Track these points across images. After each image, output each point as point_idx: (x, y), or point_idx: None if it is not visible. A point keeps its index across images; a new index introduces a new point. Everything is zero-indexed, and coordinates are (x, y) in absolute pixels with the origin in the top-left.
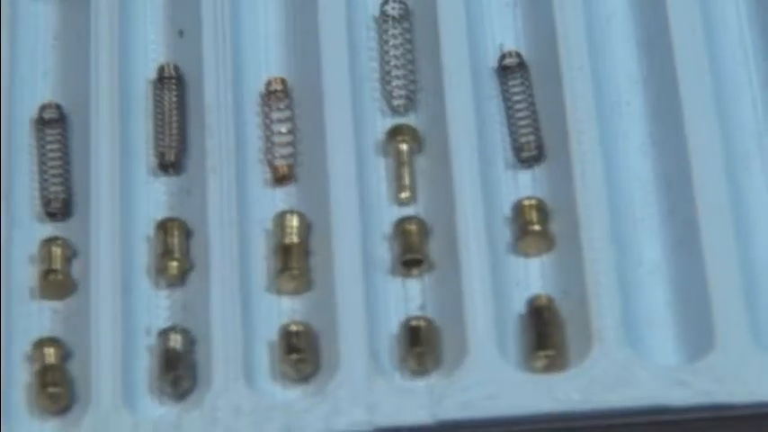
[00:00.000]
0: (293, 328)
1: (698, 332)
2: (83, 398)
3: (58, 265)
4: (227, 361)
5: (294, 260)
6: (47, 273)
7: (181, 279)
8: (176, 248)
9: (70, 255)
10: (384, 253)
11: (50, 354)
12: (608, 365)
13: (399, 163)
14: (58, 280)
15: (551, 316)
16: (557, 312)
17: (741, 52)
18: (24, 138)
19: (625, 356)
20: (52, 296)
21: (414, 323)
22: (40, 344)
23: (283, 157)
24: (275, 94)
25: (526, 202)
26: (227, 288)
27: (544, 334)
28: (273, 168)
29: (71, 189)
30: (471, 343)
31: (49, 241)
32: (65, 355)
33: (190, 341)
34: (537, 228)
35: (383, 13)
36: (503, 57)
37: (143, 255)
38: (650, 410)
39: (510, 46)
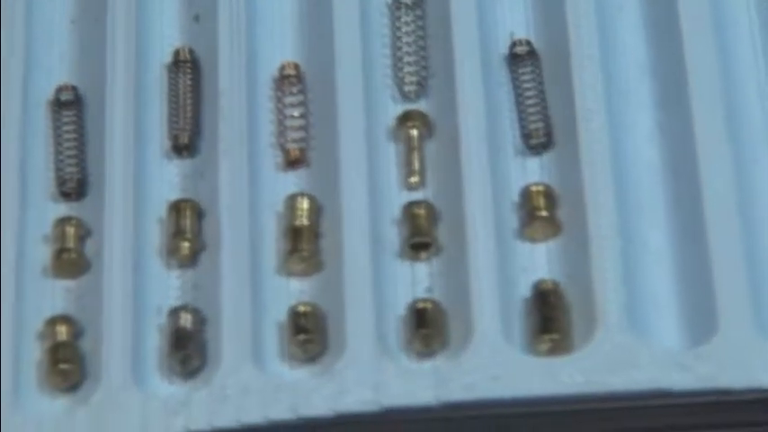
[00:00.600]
0: (302, 308)
1: (701, 318)
2: (93, 375)
3: (71, 244)
4: (237, 340)
5: (304, 242)
6: (60, 252)
7: (192, 259)
8: (188, 229)
9: (84, 234)
10: (393, 236)
11: (62, 331)
12: (611, 349)
13: (409, 148)
14: (72, 259)
15: (556, 300)
16: (562, 297)
17: (749, 42)
18: (40, 119)
19: (628, 340)
20: (65, 275)
21: (420, 305)
22: (53, 321)
23: (295, 141)
24: (288, 79)
25: (534, 188)
26: (238, 269)
27: (549, 318)
28: (285, 152)
29: (86, 170)
30: (477, 326)
31: (63, 221)
32: (76, 332)
33: (200, 320)
34: (544, 213)
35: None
36: (513, 45)
37: (155, 235)
38: (652, 394)
39: (521, 34)
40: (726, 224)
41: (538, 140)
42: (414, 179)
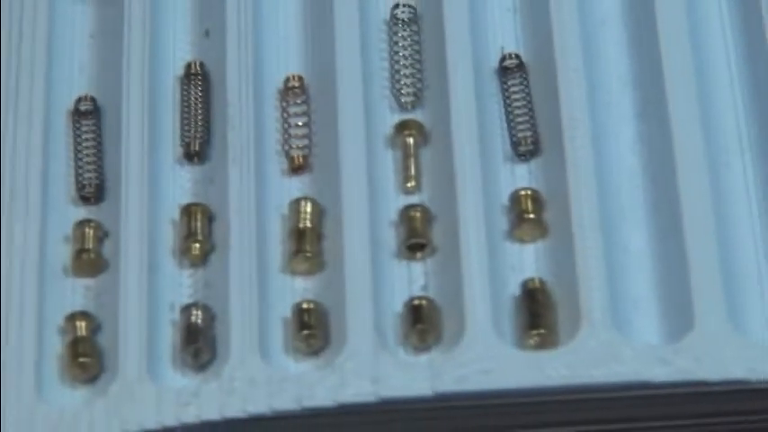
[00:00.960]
0: (305, 305)
1: (678, 314)
2: (110, 368)
3: (90, 245)
4: (244, 336)
5: (307, 243)
6: (80, 252)
7: (203, 260)
8: (199, 231)
9: (101, 236)
10: (390, 237)
11: (82, 327)
12: (595, 344)
13: (406, 155)
14: (90, 259)
15: (544, 298)
16: (549, 294)
17: (724, 57)
18: (61, 128)
19: (611, 336)
20: (84, 274)
21: (416, 302)
22: (73, 317)
23: (299, 148)
24: (293, 90)
25: (522, 193)
26: (245, 268)
27: (537, 314)
28: (290, 158)
29: (104, 175)
30: (469, 322)
31: (83, 223)
32: (95, 328)
33: (210, 317)
34: (532, 216)
35: (393, 16)
36: (503, 58)
37: (169, 237)
38: (633, 386)
39: (510, 48)
40: (701, 227)
41: (526, 148)
42: (410, 184)
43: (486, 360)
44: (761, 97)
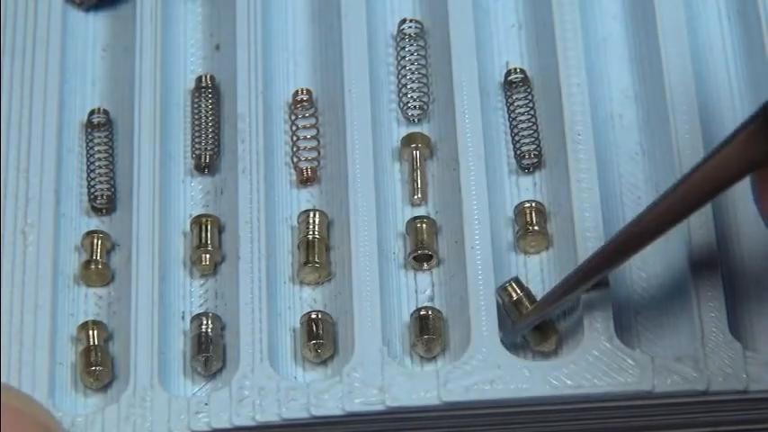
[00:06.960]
0: (314, 315)
1: (680, 324)
2: (122, 376)
3: (97, 255)
4: (254, 345)
5: (316, 254)
6: (87, 262)
7: (213, 270)
8: (210, 242)
9: (109, 246)
10: (397, 249)
11: (94, 335)
12: (598, 354)
13: (413, 168)
14: (98, 269)
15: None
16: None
17: (725, 72)
18: (74, 140)
19: (613, 346)
20: (92, 283)
21: (423, 313)
22: (85, 326)
23: (308, 160)
24: (301, 104)
25: (527, 205)
26: (255, 278)
27: (541, 324)
28: (298, 171)
29: (116, 187)
30: (475, 332)
31: (91, 234)
32: (107, 336)
33: (220, 326)
34: (536, 228)
35: (401, 31)
36: (508, 73)
37: (179, 247)
38: (635, 395)
39: (515, 63)
40: (703, 239)
41: (530, 161)
42: (417, 196)
43: (492, 370)
44: None
